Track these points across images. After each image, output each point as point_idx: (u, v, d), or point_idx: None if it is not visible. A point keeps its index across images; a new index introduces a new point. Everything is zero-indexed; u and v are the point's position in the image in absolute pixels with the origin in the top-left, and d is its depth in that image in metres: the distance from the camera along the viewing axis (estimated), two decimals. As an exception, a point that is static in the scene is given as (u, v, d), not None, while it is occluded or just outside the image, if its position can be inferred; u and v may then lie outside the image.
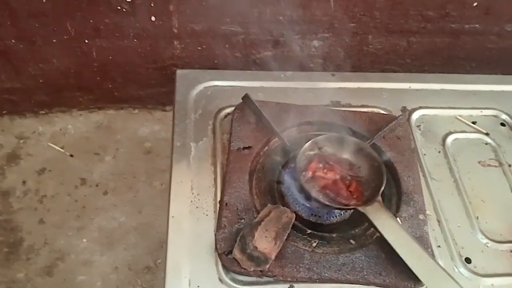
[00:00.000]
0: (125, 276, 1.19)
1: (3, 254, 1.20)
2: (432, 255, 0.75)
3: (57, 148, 1.39)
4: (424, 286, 0.70)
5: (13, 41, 1.21)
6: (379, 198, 0.76)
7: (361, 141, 0.85)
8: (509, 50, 1.27)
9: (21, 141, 1.40)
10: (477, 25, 1.21)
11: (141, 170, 1.37)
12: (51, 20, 1.16)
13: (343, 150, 0.85)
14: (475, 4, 1.15)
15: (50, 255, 1.21)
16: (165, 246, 0.75)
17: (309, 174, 0.80)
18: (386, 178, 0.78)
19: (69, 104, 1.43)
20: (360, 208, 0.75)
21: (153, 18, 1.16)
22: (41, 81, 1.33)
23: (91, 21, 1.16)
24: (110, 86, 1.37)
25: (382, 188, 0.77)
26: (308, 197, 0.78)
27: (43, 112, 1.44)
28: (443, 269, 0.71)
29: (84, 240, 1.24)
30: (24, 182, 1.32)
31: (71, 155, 1.38)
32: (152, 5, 1.12)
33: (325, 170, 0.81)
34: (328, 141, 0.84)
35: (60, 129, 1.43)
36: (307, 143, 0.82)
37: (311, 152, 0.83)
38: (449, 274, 0.70)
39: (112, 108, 1.46)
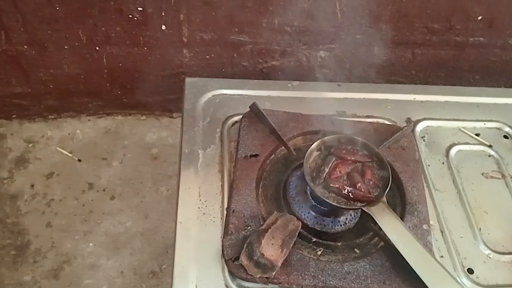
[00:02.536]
0: (130, 281, 1.19)
1: (10, 257, 1.21)
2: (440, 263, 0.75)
3: (65, 152, 1.40)
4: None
5: (25, 46, 1.23)
6: (384, 199, 0.77)
7: (368, 142, 0.84)
8: (512, 63, 1.29)
9: (30, 145, 1.41)
10: (481, 38, 1.22)
11: (148, 175, 1.38)
12: (63, 26, 1.18)
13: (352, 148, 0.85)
14: (479, 17, 1.16)
15: (57, 259, 1.21)
16: (172, 251, 0.76)
17: (323, 175, 0.79)
18: (391, 179, 0.78)
19: (78, 110, 1.45)
20: (365, 209, 0.76)
21: (163, 27, 1.18)
22: (51, 86, 1.35)
23: (102, 28, 1.18)
24: (119, 92, 1.38)
25: (388, 189, 0.77)
26: (318, 202, 0.78)
27: (52, 117, 1.45)
28: (445, 269, 0.71)
29: (91, 244, 1.24)
30: (32, 185, 1.34)
31: (79, 160, 1.39)
32: (163, 14, 1.14)
33: (339, 166, 0.80)
34: (336, 141, 0.85)
35: (69, 134, 1.44)
36: (315, 143, 0.82)
37: (319, 152, 0.83)
38: (450, 274, 0.71)
39: (120, 114, 1.47)
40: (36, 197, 1.32)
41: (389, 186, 0.78)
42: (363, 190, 0.77)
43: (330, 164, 0.81)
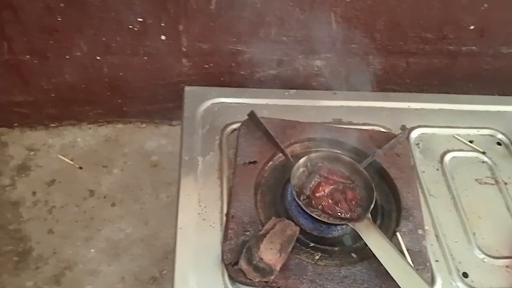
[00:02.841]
0: (131, 286, 1.20)
1: (12, 263, 1.21)
2: (428, 270, 0.77)
3: (66, 160, 1.41)
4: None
5: (27, 56, 1.23)
6: (369, 215, 0.79)
7: (353, 161, 0.87)
8: (504, 71, 1.30)
9: (32, 153, 1.42)
10: (473, 47, 1.24)
11: (147, 182, 1.38)
12: (64, 36, 1.19)
13: (337, 167, 0.87)
14: (471, 27, 1.18)
15: (58, 265, 1.22)
16: (171, 257, 0.77)
17: (307, 192, 0.82)
18: (375, 197, 0.81)
19: (79, 118, 1.45)
20: (350, 224, 0.78)
21: (163, 37, 1.19)
22: (52, 95, 1.35)
23: (103, 38, 1.19)
24: (119, 101, 1.39)
25: (372, 207, 0.79)
26: (306, 216, 0.81)
27: (53, 125, 1.46)
28: (429, 285, 0.72)
29: (92, 250, 1.25)
30: (34, 193, 1.34)
31: (80, 167, 1.40)
32: (162, 24, 1.16)
33: (322, 185, 0.83)
34: (322, 158, 0.87)
35: (70, 142, 1.44)
36: (301, 160, 0.85)
37: (304, 169, 0.86)
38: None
39: (120, 122, 1.48)
40: (37, 204, 1.32)
41: (373, 203, 0.79)
42: (344, 209, 0.80)
43: (313, 182, 0.83)
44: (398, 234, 0.81)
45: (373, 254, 0.75)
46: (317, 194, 0.81)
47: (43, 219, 1.29)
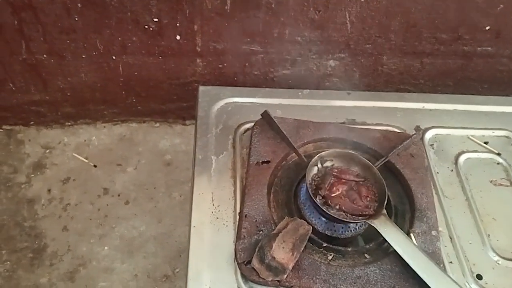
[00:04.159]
0: (144, 284, 1.21)
1: (27, 260, 1.23)
2: (444, 270, 0.77)
3: (81, 158, 1.42)
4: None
5: (44, 55, 1.25)
6: (384, 211, 0.79)
7: (363, 158, 0.87)
8: (520, 72, 1.29)
9: (47, 151, 1.44)
10: (488, 48, 1.23)
11: (161, 181, 1.39)
12: (81, 36, 1.20)
13: (348, 165, 0.88)
14: (487, 27, 1.17)
15: (72, 262, 1.23)
16: (184, 255, 0.78)
17: (323, 192, 0.82)
18: (387, 192, 0.81)
19: (94, 117, 1.47)
20: (369, 221, 0.78)
21: (178, 37, 1.20)
22: (68, 94, 1.37)
23: (119, 38, 1.21)
24: (134, 100, 1.40)
25: (385, 202, 0.80)
26: (323, 215, 0.81)
27: (69, 123, 1.48)
28: (449, 277, 0.73)
29: (106, 247, 1.26)
30: (49, 190, 1.36)
31: (95, 166, 1.42)
32: (177, 25, 1.16)
33: (335, 184, 0.83)
34: (334, 156, 0.87)
35: (85, 141, 1.46)
36: (313, 159, 0.85)
37: (318, 166, 0.86)
38: (456, 282, 0.72)
39: (134, 121, 1.49)
40: (52, 201, 1.34)
41: (385, 200, 0.80)
42: (360, 206, 0.80)
43: (328, 183, 0.83)
44: (412, 235, 0.81)
45: (391, 251, 0.75)
46: (333, 194, 0.82)
47: (58, 217, 1.31)
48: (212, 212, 0.83)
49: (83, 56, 1.26)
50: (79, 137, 1.47)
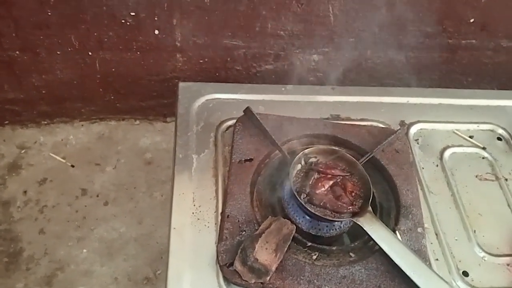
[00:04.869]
0: (124, 287, 1.19)
1: (3, 264, 1.20)
2: (430, 267, 0.76)
3: (58, 158, 1.40)
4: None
5: (17, 52, 1.23)
6: (369, 208, 0.78)
7: (347, 155, 0.86)
8: (504, 65, 1.30)
9: (23, 151, 1.41)
10: (473, 41, 1.23)
11: (141, 181, 1.38)
12: (55, 32, 1.18)
13: (333, 162, 0.86)
14: (471, 20, 1.17)
15: (50, 265, 1.21)
16: (166, 257, 0.76)
17: (307, 189, 0.81)
18: (372, 190, 0.80)
19: (71, 115, 1.45)
20: (354, 220, 0.77)
21: (156, 32, 1.18)
22: (43, 92, 1.35)
23: (95, 33, 1.18)
24: (112, 97, 1.38)
25: (370, 199, 0.78)
26: (307, 213, 0.79)
27: (45, 122, 1.45)
28: (437, 274, 0.72)
29: (84, 250, 1.24)
30: (25, 192, 1.33)
31: (72, 166, 1.39)
32: (156, 19, 1.15)
33: (321, 180, 0.82)
34: (318, 153, 0.86)
35: (62, 140, 1.44)
36: (297, 156, 0.83)
37: (302, 164, 0.84)
38: (443, 279, 0.71)
39: (113, 119, 1.47)
40: (28, 203, 1.31)
41: (371, 197, 0.79)
42: (346, 203, 0.79)
43: (312, 179, 0.82)
44: (397, 232, 0.80)
45: (376, 249, 0.74)
46: (317, 191, 0.80)
47: (34, 219, 1.28)
48: (193, 213, 0.81)
49: (58, 53, 1.23)
50: (56, 136, 1.44)
